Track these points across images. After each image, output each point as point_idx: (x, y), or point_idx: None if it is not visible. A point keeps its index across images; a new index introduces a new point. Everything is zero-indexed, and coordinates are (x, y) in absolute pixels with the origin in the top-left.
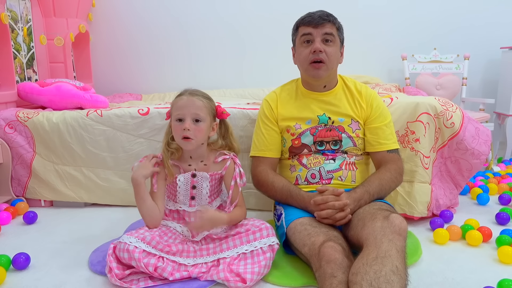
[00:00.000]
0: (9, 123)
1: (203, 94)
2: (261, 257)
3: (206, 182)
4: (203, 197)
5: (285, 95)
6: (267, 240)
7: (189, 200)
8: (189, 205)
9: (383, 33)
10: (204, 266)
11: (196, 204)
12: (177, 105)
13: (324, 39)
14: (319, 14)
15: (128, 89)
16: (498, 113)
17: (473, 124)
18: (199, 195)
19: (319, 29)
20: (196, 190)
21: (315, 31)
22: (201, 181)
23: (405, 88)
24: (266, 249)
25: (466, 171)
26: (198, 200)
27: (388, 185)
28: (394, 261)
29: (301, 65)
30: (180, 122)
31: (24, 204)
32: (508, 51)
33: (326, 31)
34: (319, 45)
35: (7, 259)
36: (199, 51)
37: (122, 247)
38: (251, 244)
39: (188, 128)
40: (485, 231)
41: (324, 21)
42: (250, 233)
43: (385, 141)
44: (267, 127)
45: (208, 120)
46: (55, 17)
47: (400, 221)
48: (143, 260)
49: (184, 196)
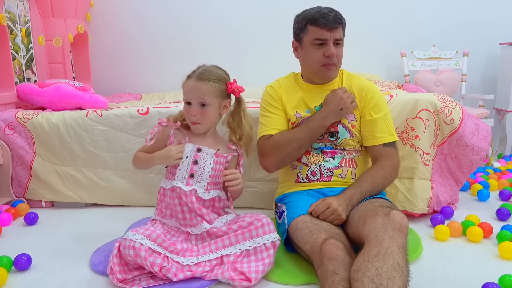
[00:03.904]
0: (9, 124)
1: (212, 75)
2: (265, 253)
3: (210, 160)
4: (203, 176)
5: (287, 85)
6: (270, 236)
7: (187, 177)
8: (186, 183)
9: (382, 30)
10: (207, 265)
11: (193, 183)
12: (185, 89)
13: (335, 42)
14: (332, 16)
15: (127, 89)
16: (497, 109)
17: (472, 120)
18: (199, 173)
19: (332, 33)
20: (198, 167)
21: (329, 34)
22: (205, 157)
23: (405, 85)
24: (269, 245)
25: (466, 167)
26: (196, 179)
27: (381, 183)
28: (395, 258)
29: (310, 65)
30: (188, 105)
31: (24, 205)
32: (507, 47)
33: (339, 36)
34: (334, 50)
35: (9, 260)
36: (198, 50)
37: (127, 244)
38: (254, 240)
39: (194, 114)
40: (486, 227)
41: (338, 25)
42: (253, 229)
43: (380, 134)
44: (274, 109)
45: (215, 102)
46: (53, 17)
47: (401, 217)
48: (149, 258)
49: (184, 171)
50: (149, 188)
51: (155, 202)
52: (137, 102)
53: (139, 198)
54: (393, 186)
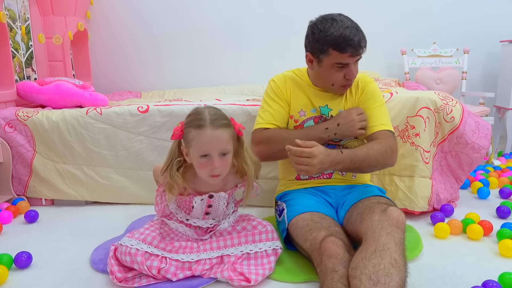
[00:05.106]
0: (9, 122)
1: (223, 118)
2: (265, 259)
3: (223, 201)
4: (218, 211)
5: (293, 81)
6: (272, 243)
7: (203, 215)
8: (202, 218)
9: (382, 28)
10: (207, 263)
11: (210, 218)
12: (200, 141)
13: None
14: (357, 41)
15: (128, 87)
16: (498, 106)
17: (473, 118)
18: (214, 211)
19: (357, 57)
20: (212, 209)
21: (353, 59)
22: (218, 200)
23: (405, 83)
24: (270, 252)
25: (466, 165)
26: (213, 215)
27: (375, 157)
28: (392, 254)
29: (328, 82)
30: (205, 158)
31: (25, 203)
32: (507, 44)
33: (360, 56)
34: (355, 72)
35: (9, 258)
36: (198, 48)
37: (123, 250)
38: (256, 245)
39: (217, 166)
40: (486, 224)
41: (363, 47)
42: (256, 233)
43: (376, 123)
44: (275, 103)
45: (232, 148)
46: (53, 15)
47: (398, 213)
48: (146, 262)
49: (199, 213)
50: (149, 186)
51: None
52: (137, 100)
53: (139, 196)
54: (393, 184)
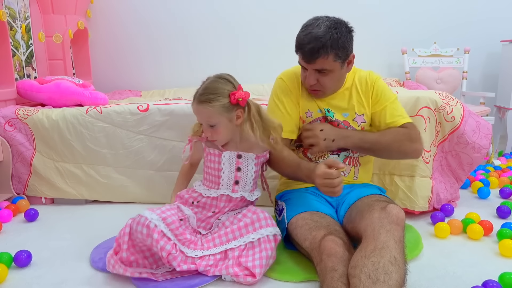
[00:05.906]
0: (9, 121)
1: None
2: (268, 245)
3: (252, 164)
4: (247, 181)
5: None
6: (272, 229)
7: (232, 184)
8: (232, 189)
9: (383, 28)
10: (211, 259)
11: (239, 189)
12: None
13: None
14: (309, 50)
15: (128, 86)
16: (498, 106)
17: (473, 118)
18: (243, 178)
19: (311, 65)
20: (241, 173)
21: (308, 65)
22: (247, 162)
23: (405, 83)
24: (271, 238)
25: (466, 165)
26: (242, 185)
27: (388, 143)
28: (392, 252)
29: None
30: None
31: (25, 201)
32: (508, 44)
33: (317, 68)
34: (312, 80)
35: (9, 256)
36: (198, 47)
37: (142, 221)
38: (258, 232)
39: (207, 135)
40: (486, 224)
41: (315, 59)
42: (255, 220)
43: (390, 120)
44: (289, 102)
45: (223, 119)
46: (53, 14)
47: (398, 211)
48: (160, 241)
49: (228, 179)
50: (149, 185)
51: (155, 198)
52: (137, 99)
53: (139, 195)
54: (393, 184)
